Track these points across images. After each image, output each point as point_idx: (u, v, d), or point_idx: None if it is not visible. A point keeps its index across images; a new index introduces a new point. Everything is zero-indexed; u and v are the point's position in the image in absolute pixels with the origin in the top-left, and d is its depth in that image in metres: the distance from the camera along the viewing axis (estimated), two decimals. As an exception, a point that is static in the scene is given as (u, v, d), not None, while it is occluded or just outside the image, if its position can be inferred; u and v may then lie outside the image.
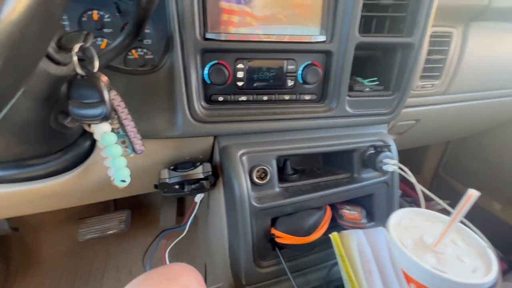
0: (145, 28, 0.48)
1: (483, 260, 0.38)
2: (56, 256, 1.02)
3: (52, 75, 0.31)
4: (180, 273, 0.37)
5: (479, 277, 0.35)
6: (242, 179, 0.48)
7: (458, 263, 0.38)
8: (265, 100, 0.51)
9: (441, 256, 0.39)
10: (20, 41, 0.17)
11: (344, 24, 0.47)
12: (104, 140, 0.37)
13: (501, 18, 0.63)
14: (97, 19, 0.49)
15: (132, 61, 0.52)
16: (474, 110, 0.79)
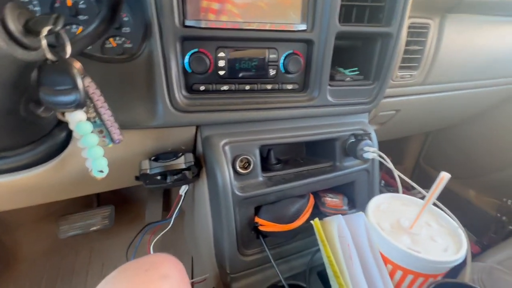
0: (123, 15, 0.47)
1: (454, 239, 0.40)
2: (36, 256, 0.99)
3: (20, 60, 0.30)
4: (160, 262, 0.37)
5: (450, 255, 0.37)
6: (224, 169, 0.48)
7: (431, 243, 0.40)
8: (247, 89, 0.51)
9: (415, 237, 0.41)
10: None
11: (324, 13, 0.47)
12: (79, 129, 0.35)
13: (475, 11, 0.65)
14: (71, 5, 0.47)
15: (110, 49, 0.50)
16: (451, 100, 0.82)
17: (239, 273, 0.52)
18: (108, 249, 1.06)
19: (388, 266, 0.41)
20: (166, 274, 0.35)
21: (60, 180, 0.51)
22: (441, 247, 0.39)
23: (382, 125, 0.82)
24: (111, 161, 0.54)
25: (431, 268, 0.38)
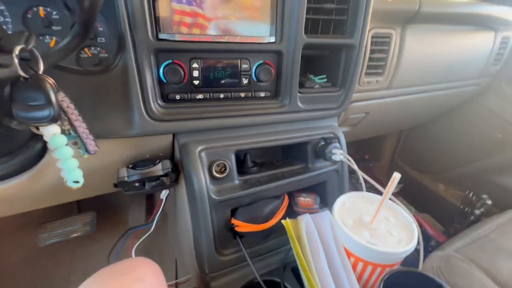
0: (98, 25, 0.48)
1: (408, 232, 0.45)
2: (14, 265, 0.97)
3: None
4: (135, 266, 0.39)
5: (402, 247, 0.41)
6: (200, 174, 0.51)
7: (388, 236, 0.44)
8: (222, 97, 0.54)
9: (375, 231, 0.45)
10: None
11: (291, 26, 0.51)
12: (53, 142, 0.37)
13: (432, 21, 0.71)
14: (43, 16, 0.47)
15: (85, 60, 0.50)
16: (415, 102, 0.88)
17: (217, 272, 0.55)
18: (90, 256, 1.05)
19: (351, 259, 0.45)
20: (141, 277, 0.37)
21: (38, 189, 0.52)
22: (396, 240, 0.44)
23: (354, 126, 0.87)
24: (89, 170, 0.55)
25: (387, 259, 0.42)
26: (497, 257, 0.63)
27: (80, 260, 1.04)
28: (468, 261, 0.62)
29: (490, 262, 0.62)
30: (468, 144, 1.16)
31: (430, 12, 0.65)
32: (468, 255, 0.64)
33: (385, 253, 0.40)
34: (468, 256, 0.64)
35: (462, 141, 1.18)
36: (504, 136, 1.03)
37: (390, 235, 0.45)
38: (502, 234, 0.70)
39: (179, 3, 0.46)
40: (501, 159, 1.06)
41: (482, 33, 0.85)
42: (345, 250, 0.45)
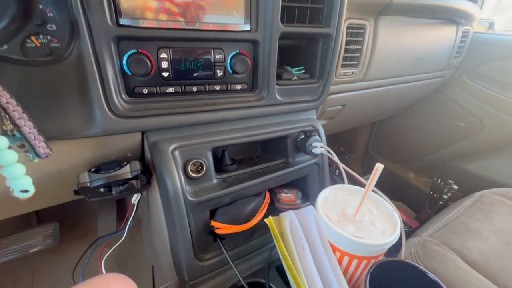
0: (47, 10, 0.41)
1: (391, 222, 0.45)
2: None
3: None
4: (106, 283, 0.34)
5: (386, 238, 0.41)
6: (174, 174, 0.46)
7: (372, 228, 0.44)
8: (195, 91, 0.49)
9: (359, 224, 0.45)
10: None
11: (267, 14, 0.48)
12: (-9, 146, 0.31)
13: (404, 13, 0.72)
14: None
15: (32, 50, 0.43)
16: (389, 94, 0.91)
17: (197, 279, 0.51)
18: (54, 271, 0.95)
19: (336, 254, 0.44)
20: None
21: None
22: (380, 231, 0.43)
23: (331, 119, 0.87)
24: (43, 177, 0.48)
25: (372, 251, 0.42)
26: (466, 238, 0.67)
27: (42, 277, 0.93)
28: (442, 244, 0.65)
29: (461, 243, 0.65)
30: (435, 133, 1.23)
31: (401, 3, 0.66)
32: (441, 239, 0.67)
33: (371, 246, 0.40)
34: (442, 240, 0.66)
35: (429, 131, 1.25)
36: (466, 124, 1.10)
37: (374, 226, 0.44)
38: (469, 216, 0.75)
39: (142, -15, 0.41)
40: (464, 146, 1.14)
41: (446, 27, 0.89)
42: (330, 245, 0.44)
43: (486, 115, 1.05)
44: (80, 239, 1.02)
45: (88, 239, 1.05)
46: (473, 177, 1.12)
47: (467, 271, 0.58)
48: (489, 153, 1.08)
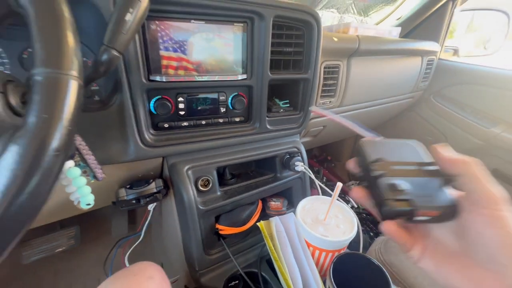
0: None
1: (351, 225, 0.60)
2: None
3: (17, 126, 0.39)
4: (144, 268, 0.48)
5: (345, 236, 0.56)
6: (189, 189, 0.61)
7: (336, 229, 0.59)
8: (204, 124, 0.64)
9: (327, 226, 0.60)
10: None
11: (259, 66, 0.63)
12: (69, 174, 0.45)
13: (369, 55, 0.88)
14: None
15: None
16: (364, 115, 1.07)
17: (205, 269, 0.66)
18: (74, 269, 1.08)
19: (310, 249, 0.59)
20: (151, 276, 0.46)
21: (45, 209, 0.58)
22: (342, 231, 0.59)
23: (314, 137, 1.02)
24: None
25: (336, 246, 0.57)
26: None
27: (64, 274, 1.06)
28: (401, 242, 0.81)
29: (416, 241, 0.81)
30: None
31: (367, 49, 0.82)
32: (401, 238, 0.82)
33: (334, 242, 0.55)
34: (401, 238, 0.82)
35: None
36: (433, 139, 1.27)
37: (338, 228, 0.60)
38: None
39: (167, 51, 0.56)
40: (432, 157, 1.30)
41: (411, 58, 1.06)
42: (306, 242, 0.59)
43: (449, 132, 1.22)
44: (96, 240, 1.15)
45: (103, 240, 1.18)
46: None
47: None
48: (452, 164, 1.25)
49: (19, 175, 0.20)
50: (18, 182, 0.20)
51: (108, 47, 0.39)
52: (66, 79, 0.23)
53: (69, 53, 0.24)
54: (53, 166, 0.22)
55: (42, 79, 0.22)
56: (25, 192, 0.21)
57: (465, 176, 0.25)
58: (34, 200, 0.22)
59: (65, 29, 0.24)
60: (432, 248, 0.28)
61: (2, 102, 0.36)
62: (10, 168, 0.20)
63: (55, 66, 0.23)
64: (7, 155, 0.21)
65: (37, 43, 0.23)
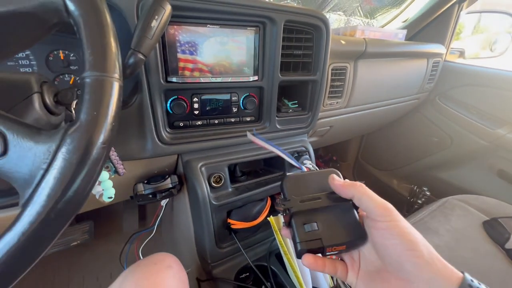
0: None
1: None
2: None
3: (53, 124, 0.42)
4: (163, 258, 0.52)
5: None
6: (203, 185, 0.64)
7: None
8: (216, 123, 0.67)
9: (335, 222, 0.62)
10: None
11: (270, 68, 0.66)
12: (95, 169, 0.48)
13: (375, 57, 0.91)
14: (63, 58, 0.57)
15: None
16: (369, 115, 1.09)
17: (217, 262, 0.69)
18: (87, 262, 1.12)
19: (318, 243, 0.62)
20: (169, 265, 0.50)
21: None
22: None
23: (321, 136, 1.05)
24: (108, 186, 0.65)
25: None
26: (425, 236, 0.83)
27: (78, 267, 1.11)
28: (406, 239, 0.83)
29: (420, 239, 0.83)
30: (414, 146, 1.41)
31: (374, 52, 0.84)
32: (406, 235, 0.85)
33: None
34: (406, 236, 0.84)
35: (409, 144, 1.43)
36: (439, 139, 1.28)
37: (345, 223, 0.62)
38: (431, 218, 0.92)
39: (183, 53, 0.59)
40: (437, 158, 1.32)
41: (417, 60, 1.08)
42: (314, 237, 0.62)
43: (454, 133, 1.23)
44: (108, 235, 1.19)
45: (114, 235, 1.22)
46: (443, 184, 1.30)
47: (420, 259, 0.75)
48: (457, 164, 1.26)
49: (74, 163, 0.24)
50: (73, 169, 0.24)
51: (135, 51, 0.42)
52: (111, 81, 0.27)
53: (113, 58, 0.27)
54: (100, 157, 0.26)
55: (91, 81, 0.26)
56: (78, 179, 0.24)
57: (358, 197, 0.29)
58: (85, 187, 0.25)
59: (109, 36, 0.27)
60: (363, 269, 0.29)
61: (39, 101, 0.39)
62: (67, 158, 0.23)
63: (102, 69, 0.26)
64: (63, 147, 0.24)
65: (87, 50, 0.26)
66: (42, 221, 0.23)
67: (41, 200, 0.23)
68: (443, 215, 0.94)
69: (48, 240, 0.24)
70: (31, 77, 0.38)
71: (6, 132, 0.23)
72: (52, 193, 0.23)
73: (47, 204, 0.23)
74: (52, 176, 0.23)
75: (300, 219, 0.31)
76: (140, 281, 0.47)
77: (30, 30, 0.29)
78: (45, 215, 0.23)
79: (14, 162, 0.23)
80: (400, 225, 0.26)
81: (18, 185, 0.24)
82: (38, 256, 0.24)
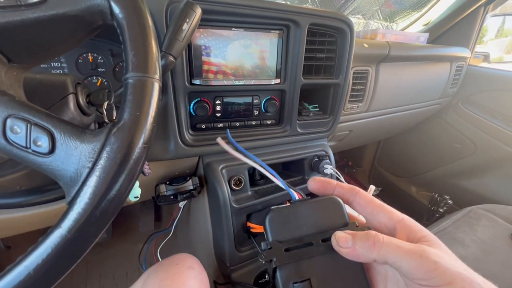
0: None
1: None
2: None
3: (85, 124, 0.43)
4: (184, 259, 0.52)
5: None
6: (224, 187, 0.64)
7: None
8: (237, 125, 0.67)
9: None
10: None
11: (292, 71, 0.65)
12: (122, 169, 0.49)
13: (398, 61, 0.89)
14: (91, 61, 0.59)
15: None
16: (389, 120, 1.06)
17: (236, 265, 0.68)
18: (104, 261, 1.14)
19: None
20: (191, 266, 0.50)
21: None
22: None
23: (340, 141, 1.03)
24: (132, 186, 0.67)
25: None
26: (450, 246, 0.80)
27: (95, 266, 1.13)
28: (429, 249, 0.80)
29: (445, 249, 0.80)
30: (434, 152, 1.37)
31: (397, 55, 0.82)
32: (429, 245, 0.81)
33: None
34: (429, 246, 0.81)
35: (429, 149, 1.39)
36: (461, 146, 1.24)
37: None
38: (456, 228, 0.89)
39: (208, 56, 0.59)
40: (459, 165, 1.27)
41: (440, 64, 1.05)
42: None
43: (478, 139, 1.19)
44: (124, 235, 1.21)
45: (130, 234, 1.24)
46: (466, 193, 1.25)
47: (446, 271, 0.72)
48: (481, 172, 1.21)
49: (117, 163, 0.24)
50: (116, 168, 0.24)
51: (166, 53, 0.43)
52: (152, 82, 0.27)
53: (154, 60, 0.28)
54: (141, 157, 0.26)
55: (134, 82, 0.26)
56: (121, 179, 0.24)
57: (383, 260, 0.22)
58: (126, 186, 0.25)
59: (151, 39, 0.28)
60: None
61: (74, 101, 0.40)
62: (111, 157, 0.24)
63: (144, 71, 0.26)
64: (108, 147, 0.24)
65: (130, 52, 0.26)
66: (87, 219, 0.23)
67: (86, 198, 0.23)
68: (468, 225, 0.90)
69: (92, 238, 0.25)
70: (67, 79, 0.40)
71: (54, 131, 0.24)
72: (97, 192, 0.23)
73: (92, 203, 0.23)
74: (97, 175, 0.23)
75: (288, 275, 0.23)
76: (163, 282, 0.47)
77: (74, 32, 0.30)
78: (90, 213, 0.23)
79: (61, 160, 0.24)
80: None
81: (63, 182, 0.24)
82: (83, 253, 0.24)
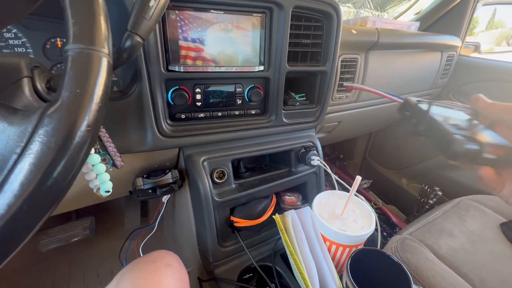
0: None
1: (369, 220, 0.59)
2: (15, 271, 1.00)
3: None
4: (162, 256, 0.49)
5: (363, 231, 0.55)
6: (205, 180, 0.61)
7: (354, 224, 0.58)
8: (220, 115, 0.64)
9: (345, 221, 0.59)
10: None
11: (276, 58, 0.62)
12: (90, 161, 0.45)
13: (387, 48, 0.86)
14: (60, 47, 0.55)
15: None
16: (378, 111, 1.04)
17: (219, 261, 0.65)
18: (88, 258, 1.11)
19: (326, 243, 0.58)
20: (169, 263, 0.47)
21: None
22: (360, 226, 0.57)
23: (329, 133, 1.01)
24: (107, 180, 0.62)
25: (353, 241, 0.55)
26: (439, 237, 0.80)
27: (79, 264, 1.09)
28: (418, 241, 0.78)
29: (433, 240, 0.78)
30: (424, 144, 1.36)
31: (386, 42, 0.80)
32: (418, 237, 0.80)
33: (352, 236, 0.54)
34: (418, 237, 0.80)
35: (419, 142, 1.38)
36: (451, 137, 1.23)
37: (356, 223, 0.58)
38: (445, 219, 0.88)
39: (185, 41, 0.55)
40: (449, 157, 1.26)
41: (431, 53, 1.03)
42: (322, 237, 0.58)
43: (468, 130, 1.17)
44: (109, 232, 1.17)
45: (115, 231, 1.20)
46: (456, 184, 1.25)
47: (434, 262, 0.71)
48: (471, 163, 1.21)
49: (53, 148, 0.20)
50: (52, 154, 0.20)
51: (132, 32, 0.39)
52: (98, 56, 0.23)
53: (102, 31, 0.24)
54: (84, 141, 0.22)
55: (75, 54, 0.22)
56: (58, 166, 0.21)
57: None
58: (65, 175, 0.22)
59: (98, 9, 0.24)
60: None
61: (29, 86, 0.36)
62: (44, 141, 0.20)
63: (88, 42, 0.23)
64: (41, 129, 0.21)
65: (71, 19, 0.23)
66: (14, 214, 0.20)
67: (13, 188, 0.20)
68: (457, 216, 0.90)
69: (20, 237, 0.21)
70: (21, 61, 0.35)
71: None
72: (25, 182, 0.20)
73: (20, 194, 0.20)
74: (27, 162, 0.20)
75: (444, 119, 0.29)
76: (137, 280, 0.44)
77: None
78: (18, 207, 0.20)
79: None
80: None
81: None
82: (8, 256, 0.21)
